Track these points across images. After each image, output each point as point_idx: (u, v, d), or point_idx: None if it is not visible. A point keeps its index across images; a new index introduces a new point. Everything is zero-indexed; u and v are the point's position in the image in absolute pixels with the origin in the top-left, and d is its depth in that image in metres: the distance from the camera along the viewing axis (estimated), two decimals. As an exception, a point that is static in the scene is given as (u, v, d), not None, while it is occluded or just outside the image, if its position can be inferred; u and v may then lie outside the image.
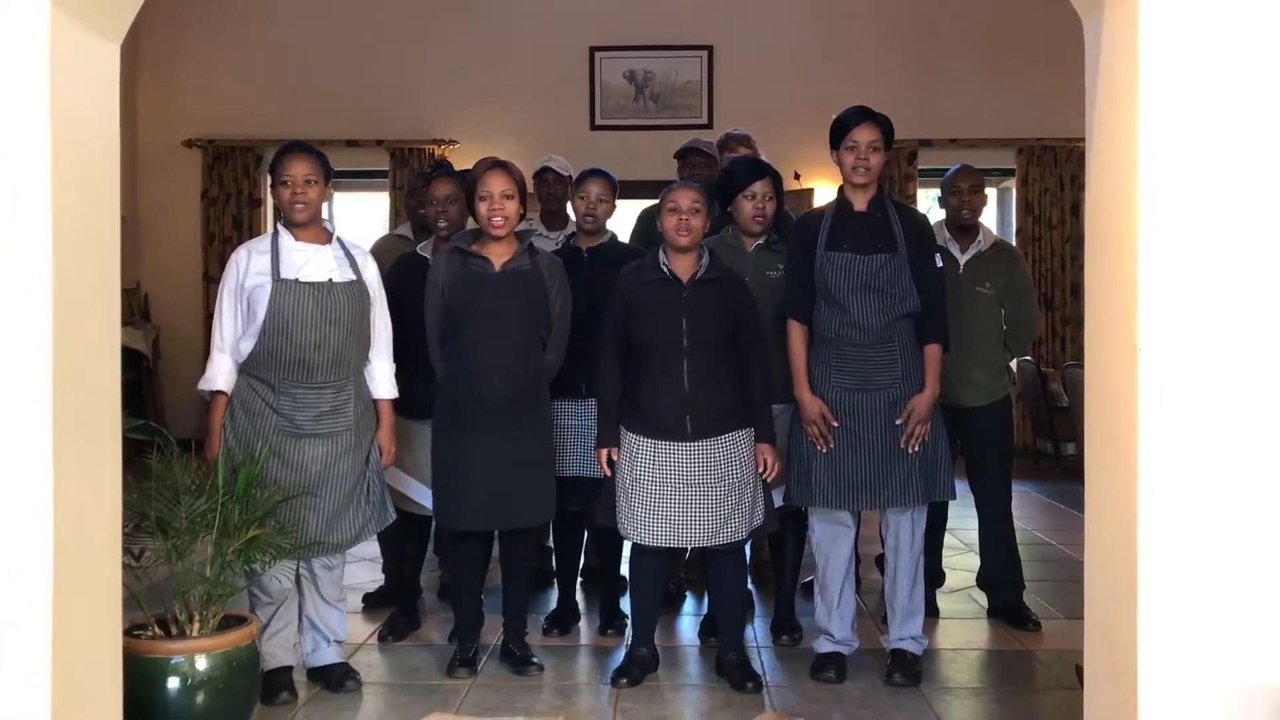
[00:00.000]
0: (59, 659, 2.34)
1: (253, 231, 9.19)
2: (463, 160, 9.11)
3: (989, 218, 9.90)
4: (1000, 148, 9.19)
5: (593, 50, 9.31)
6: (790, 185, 8.76)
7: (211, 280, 9.19)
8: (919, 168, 9.28)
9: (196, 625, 2.98)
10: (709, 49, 9.31)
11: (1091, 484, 2.54)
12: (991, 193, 9.94)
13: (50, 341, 2.31)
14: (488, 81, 9.21)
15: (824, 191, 8.92)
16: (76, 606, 2.40)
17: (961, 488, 4.37)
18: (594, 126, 9.37)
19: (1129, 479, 2.29)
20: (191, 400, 8.83)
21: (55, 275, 2.31)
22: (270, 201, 9.35)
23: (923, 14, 9.15)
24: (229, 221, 9.28)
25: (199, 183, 9.29)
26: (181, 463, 3.04)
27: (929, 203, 9.40)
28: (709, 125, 9.13)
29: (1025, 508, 6.59)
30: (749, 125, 8.58)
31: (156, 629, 2.97)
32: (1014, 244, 9.13)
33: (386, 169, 9.32)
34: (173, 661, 2.90)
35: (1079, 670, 2.68)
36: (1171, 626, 2.24)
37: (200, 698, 2.92)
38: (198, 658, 2.92)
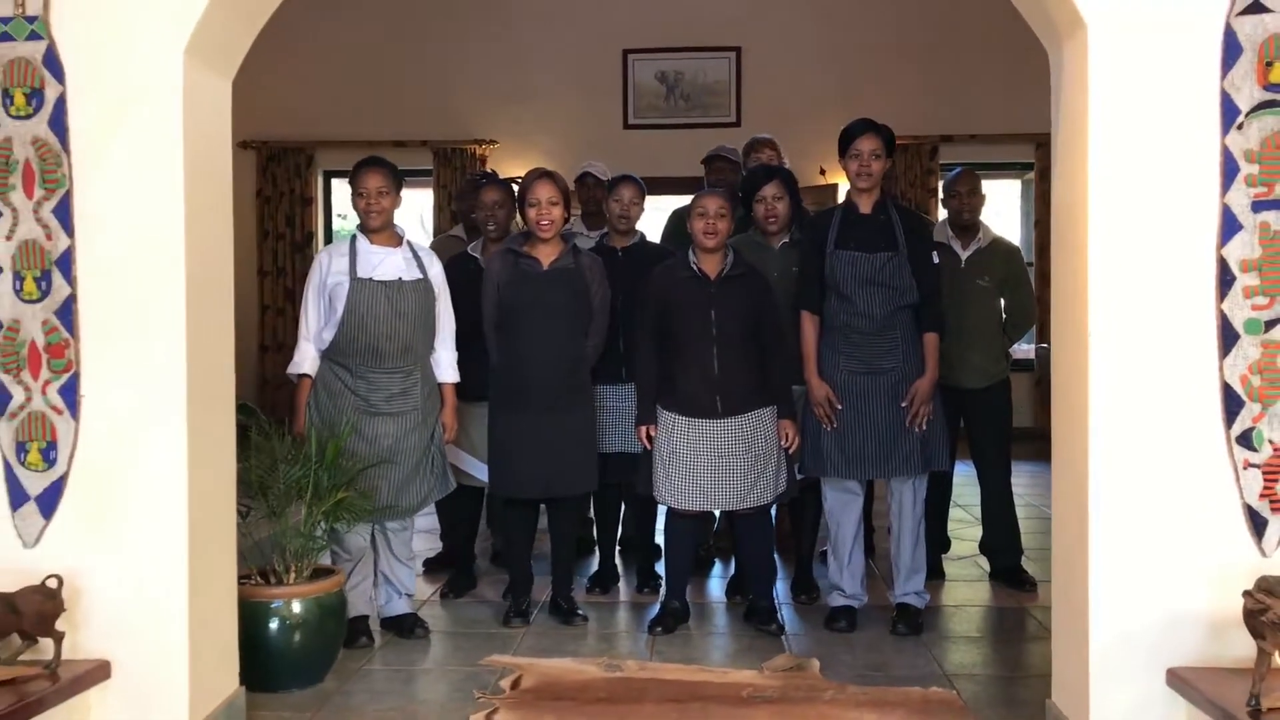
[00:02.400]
0: (194, 599, 2.86)
1: (303, 229, 9.72)
2: (502, 158, 9.62)
3: (1013, 209, 10.27)
4: (1020, 143, 9.44)
5: (625, 52, 9.68)
6: (815, 180, 9.20)
7: (265, 275, 9.73)
8: (940, 163, 9.56)
9: (293, 575, 3.48)
10: (736, 50, 9.65)
11: (1057, 445, 2.98)
12: (1015, 185, 10.29)
13: (184, 334, 2.81)
14: (526, 84, 9.61)
15: (847, 187, 9.30)
16: (205, 556, 2.92)
17: (968, 466, 4.82)
18: (627, 125, 9.75)
19: (1082, 439, 2.74)
20: (250, 386, 9.41)
21: (188, 275, 2.82)
22: (320, 200, 9.94)
23: (943, 14, 9.45)
24: (281, 219, 9.78)
25: (254, 182, 9.77)
26: (278, 436, 3.54)
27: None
28: (737, 124, 9.51)
29: (1038, 486, 6.94)
30: (775, 123, 9.01)
31: (259, 578, 3.47)
32: (1034, 235, 9.51)
33: (430, 168, 9.75)
34: (273, 605, 3.40)
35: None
36: (1115, 557, 2.70)
37: (297, 636, 3.43)
38: (294, 602, 3.43)
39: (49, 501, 2.80)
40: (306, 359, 3.93)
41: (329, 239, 10.22)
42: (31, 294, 2.78)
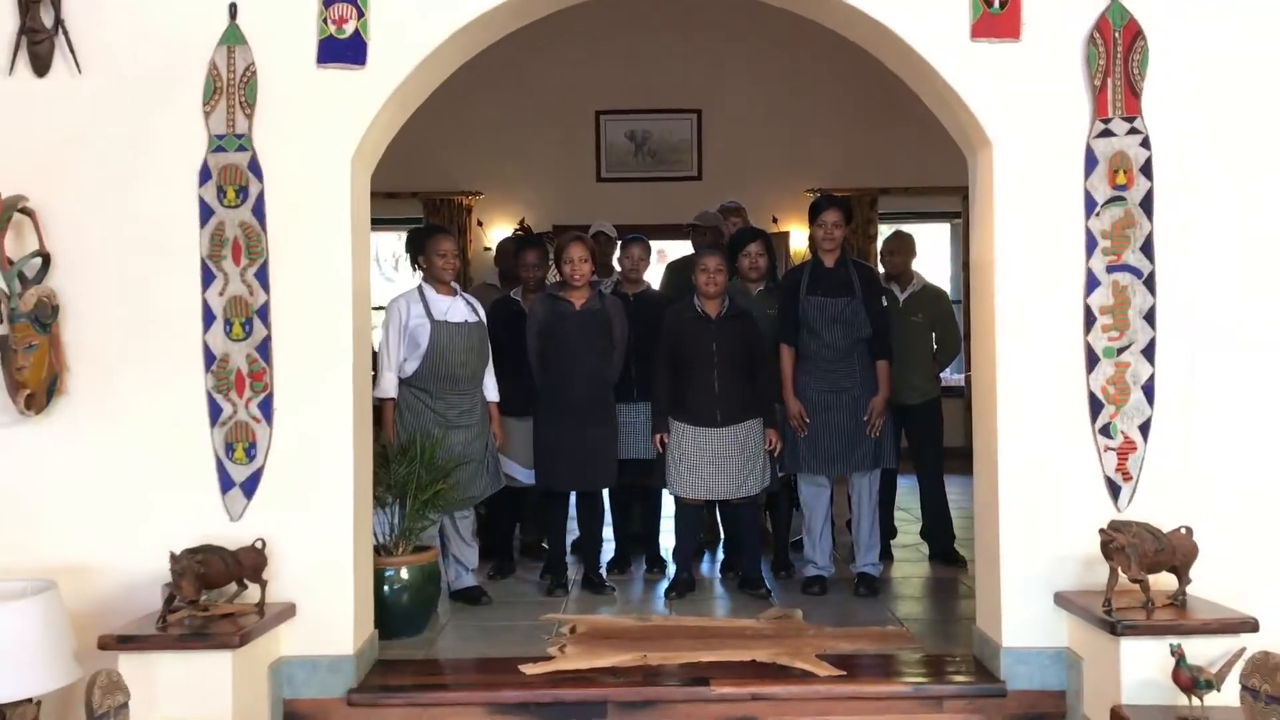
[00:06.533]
0: (356, 561, 3.87)
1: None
2: (487, 208, 10.65)
3: (944, 251, 11.46)
4: (949, 194, 10.47)
5: (598, 113, 10.70)
6: (770, 228, 10.35)
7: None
8: (879, 211, 10.73)
9: (400, 548, 4.51)
10: (698, 112, 10.70)
11: (977, 437, 4.12)
12: (945, 229, 11.51)
13: (351, 364, 3.85)
14: (508, 140, 10.54)
15: (798, 234, 10.41)
16: (360, 530, 3.93)
17: (913, 479, 5.97)
18: (599, 178, 10.73)
19: (992, 432, 3.88)
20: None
21: (353, 319, 3.86)
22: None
23: (881, 80, 10.49)
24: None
25: (260, 230, 10.67)
26: (389, 443, 4.58)
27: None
28: (699, 178, 10.58)
29: (969, 494, 8.07)
30: (732, 178, 10.16)
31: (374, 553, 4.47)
32: (962, 274, 10.70)
33: (421, 217, 10.69)
34: (387, 572, 4.42)
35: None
36: (1017, 516, 3.83)
37: (405, 596, 4.46)
38: (403, 569, 4.45)
39: (250, 487, 3.81)
40: (391, 386, 4.95)
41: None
42: (238, 335, 3.80)
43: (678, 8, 10.15)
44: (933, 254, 11.37)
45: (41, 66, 3.79)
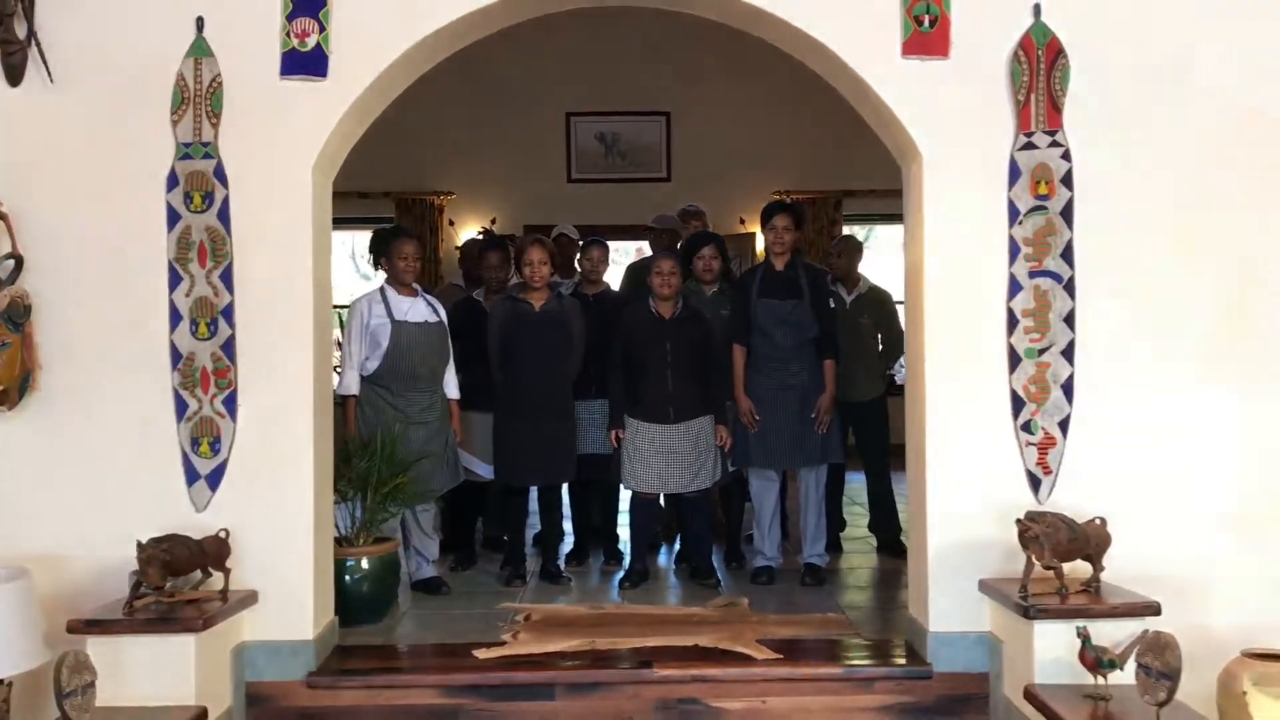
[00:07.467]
0: (315, 551, 4.06)
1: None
2: (459, 208, 10.80)
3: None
4: None
5: (569, 115, 10.86)
6: (736, 229, 10.56)
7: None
8: (844, 213, 10.95)
9: (362, 540, 4.69)
10: (667, 115, 10.88)
11: (908, 433, 4.33)
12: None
13: (311, 363, 4.04)
14: (480, 141, 10.70)
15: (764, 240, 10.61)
16: (319, 521, 4.12)
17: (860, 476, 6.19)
18: (570, 179, 10.89)
19: (921, 428, 4.10)
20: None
21: (313, 321, 4.04)
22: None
23: None
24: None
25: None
26: (352, 438, 4.76)
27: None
28: (668, 179, 10.76)
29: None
30: (700, 180, 10.31)
31: (336, 543, 4.66)
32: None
33: (393, 216, 10.79)
34: (348, 562, 4.60)
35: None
36: (943, 507, 4.04)
37: (365, 585, 4.64)
38: (363, 560, 4.64)
39: (214, 479, 3.99)
40: (354, 383, 5.14)
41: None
42: (204, 334, 3.98)
43: (646, 11, 10.31)
44: (896, 256, 11.61)
45: (15, 76, 3.96)
